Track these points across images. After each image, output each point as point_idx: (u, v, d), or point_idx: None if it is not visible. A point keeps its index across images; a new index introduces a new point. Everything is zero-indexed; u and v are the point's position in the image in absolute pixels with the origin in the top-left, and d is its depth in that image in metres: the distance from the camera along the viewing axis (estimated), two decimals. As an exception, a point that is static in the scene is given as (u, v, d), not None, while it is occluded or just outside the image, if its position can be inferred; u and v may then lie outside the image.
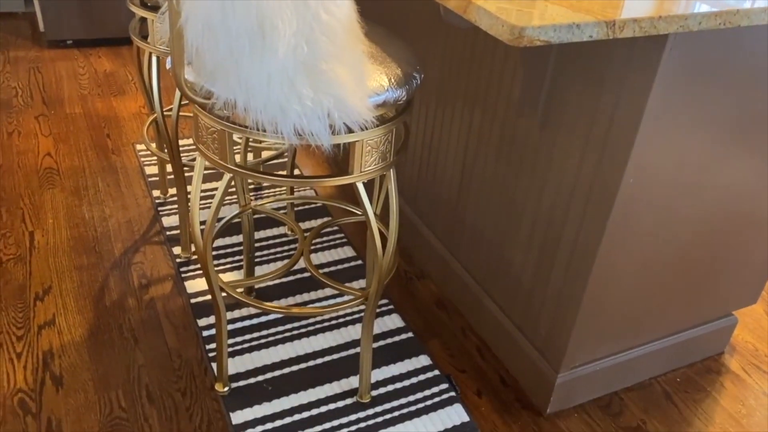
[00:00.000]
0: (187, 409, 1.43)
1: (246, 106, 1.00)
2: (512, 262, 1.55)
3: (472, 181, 1.64)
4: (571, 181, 1.31)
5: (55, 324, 1.61)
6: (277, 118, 0.99)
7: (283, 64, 0.94)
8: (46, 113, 2.49)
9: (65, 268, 1.78)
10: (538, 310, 1.49)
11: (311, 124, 0.99)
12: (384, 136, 1.16)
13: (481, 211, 1.63)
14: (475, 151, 1.60)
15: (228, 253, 1.88)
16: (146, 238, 1.92)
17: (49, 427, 1.36)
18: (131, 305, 1.68)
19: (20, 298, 1.67)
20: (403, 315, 1.73)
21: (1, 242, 1.85)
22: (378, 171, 1.19)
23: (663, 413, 1.53)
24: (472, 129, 1.59)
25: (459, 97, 1.62)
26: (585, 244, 1.31)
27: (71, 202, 2.04)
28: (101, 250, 1.86)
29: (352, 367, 1.55)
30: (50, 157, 2.23)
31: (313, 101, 0.97)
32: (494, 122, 1.51)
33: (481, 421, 1.47)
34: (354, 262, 1.90)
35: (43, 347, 1.54)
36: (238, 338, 1.60)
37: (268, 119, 0.99)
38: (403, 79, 1.14)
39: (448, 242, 1.80)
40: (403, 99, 1.14)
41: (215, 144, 1.16)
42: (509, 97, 1.44)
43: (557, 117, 1.31)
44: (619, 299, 1.41)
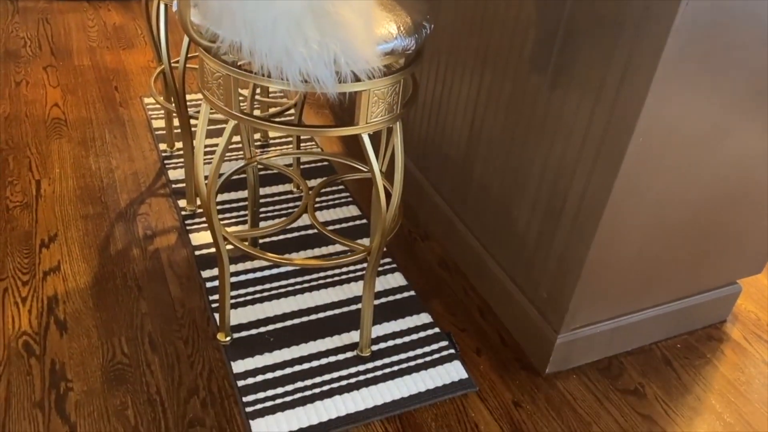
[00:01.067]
0: (189, 357, 1.44)
1: (251, 49, 0.98)
2: (517, 223, 1.54)
3: (480, 141, 1.62)
4: (579, 141, 1.30)
5: (60, 271, 1.62)
6: (282, 61, 0.97)
7: (290, 6, 0.92)
8: (55, 64, 2.48)
9: (71, 217, 1.79)
10: (540, 270, 1.49)
11: (317, 69, 0.98)
12: (391, 87, 1.15)
13: (488, 170, 1.62)
14: (485, 109, 1.58)
15: (232, 207, 1.88)
16: (152, 190, 1.92)
17: (53, 368, 1.38)
18: (136, 255, 1.69)
19: (26, 245, 1.68)
20: (406, 274, 1.73)
21: (8, 189, 1.85)
22: (384, 123, 1.18)
23: (662, 378, 1.53)
24: (482, 87, 1.57)
25: (470, 54, 1.59)
26: (591, 204, 1.30)
27: (78, 152, 2.04)
28: (107, 200, 1.86)
29: (353, 322, 1.56)
30: (58, 108, 2.23)
31: (320, 45, 0.96)
32: (504, 80, 1.49)
33: (480, 378, 1.48)
34: (358, 221, 1.89)
35: (47, 293, 1.56)
36: (241, 291, 1.61)
37: (274, 63, 0.98)
38: (412, 27, 1.12)
39: (454, 203, 1.79)
40: (411, 48, 1.12)
41: (220, 90, 1.15)
42: (520, 55, 1.42)
43: (568, 75, 1.29)
44: (623, 262, 1.40)
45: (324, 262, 1.34)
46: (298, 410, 1.34)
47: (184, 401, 1.35)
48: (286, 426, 1.31)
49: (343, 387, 1.40)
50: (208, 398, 1.36)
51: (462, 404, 1.41)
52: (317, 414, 1.34)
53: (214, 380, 1.40)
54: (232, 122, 1.17)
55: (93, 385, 1.36)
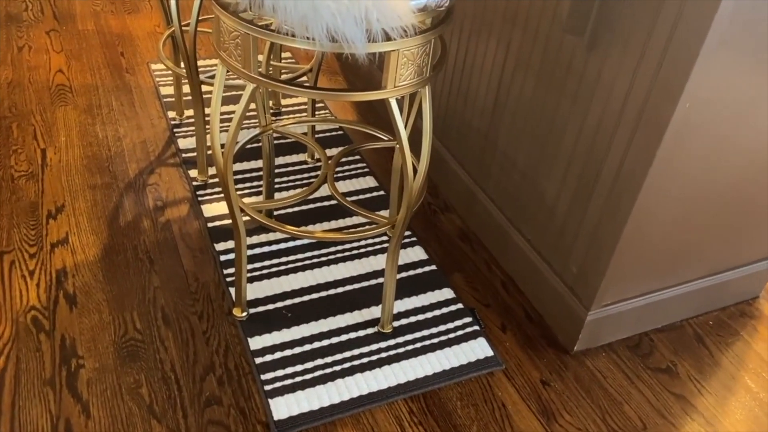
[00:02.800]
0: (204, 333, 1.39)
1: (274, 4, 0.91)
2: (545, 194, 1.47)
3: (506, 108, 1.55)
4: (618, 107, 1.22)
5: (68, 243, 1.56)
6: (308, 17, 0.90)
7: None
8: (58, 29, 2.39)
9: (78, 187, 1.72)
10: (570, 244, 1.42)
11: (346, 26, 0.90)
12: (422, 47, 1.07)
13: (514, 139, 1.54)
14: (512, 74, 1.50)
15: (247, 177, 1.82)
16: (161, 159, 1.85)
17: (63, 345, 1.33)
18: (146, 227, 1.63)
19: (32, 216, 1.62)
20: (426, 248, 1.67)
21: (13, 158, 1.79)
22: (414, 86, 1.11)
23: (694, 355, 1.48)
24: (511, 50, 1.49)
25: (498, 14, 1.51)
26: (629, 175, 1.23)
27: (84, 120, 1.96)
28: (115, 170, 1.79)
29: (373, 297, 1.50)
30: (62, 74, 2.15)
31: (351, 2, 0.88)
32: (536, 42, 1.40)
33: (506, 356, 1.42)
34: (376, 193, 1.83)
35: (56, 266, 1.50)
36: (257, 264, 1.55)
37: (298, 18, 0.90)
38: (445, -17, 1.04)
39: (476, 173, 1.72)
40: (444, 4, 1.04)
41: (238, 50, 1.07)
42: (555, 15, 1.33)
43: (608, 36, 1.21)
44: (659, 236, 1.33)
45: (346, 236, 1.27)
46: (319, 388, 1.29)
47: (200, 379, 1.30)
48: (307, 405, 1.26)
49: (364, 364, 1.35)
50: (224, 376, 1.31)
51: (488, 382, 1.36)
52: (338, 392, 1.29)
53: (231, 357, 1.35)
54: (251, 86, 1.10)
55: (105, 362, 1.31)
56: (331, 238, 1.29)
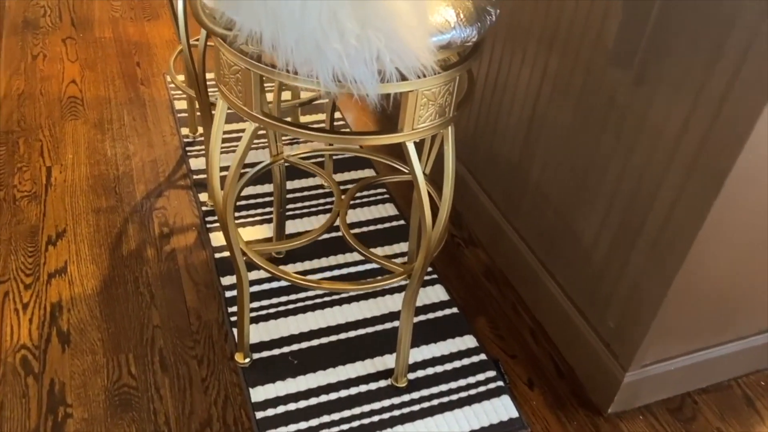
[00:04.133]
0: (203, 381, 1.28)
1: (274, 42, 0.79)
2: (581, 236, 1.33)
3: (540, 137, 1.41)
4: (668, 149, 1.08)
5: (67, 273, 1.47)
6: (312, 58, 0.77)
7: (323, -11, 0.72)
8: (74, 36, 2.31)
9: (82, 210, 1.63)
10: (608, 295, 1.28)
11: (355, 68, 0.78)
12: (444, 86, 0.94)
13: (548, 173, 1.40)
14: (548, 101, 1.36)
15: (256, 203, 1.71)
16: (171, 181, 1.75)
17: (52, 390, 1.24)
18: (150, 256, 1.53)
19: (31, 241, 1.53)
20: (448, 286, 1.54)
21: (17, 177, 1.71)
22: (434, 129, 0.98)
23: (743, 421, 1.32)
24: (547, 75, 1.35)
25: (533, 34, 1.37)
26: (680, 224, 1.08)
27: (94, 136, 1.87)
28: (122, 191, 1.70)
29: (388, 343, 1.38)
30: (75, 85, 2.07)
31: (359, 39, 0.75)
32: (575, 69, 1.26)
33: (532, 417, 1.29)
34: (396, 222, 1.70)
35: (51, 298, 1.41)
36: (264, 302, 1.44)
37: (301, 59, 0.78)
38: (474, 14, 0.90)
39: (505, 206, 1.58)
40: (472, 40, 0.91)
41: (239, 86, 0.95)
42: (598, 41, 1.19)
43: (659, 70, 1.07)
44: (711, 290, 1.19)
45: (356, 287, 1.15)
46: (324, 451, 1.18)
47: (195, 434, 1.19)
48: (310, 470, 1.15)
49: (375, 424, 1.23)
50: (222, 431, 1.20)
51: (511, 448, 1.23)
52: (345, 456, 1.17)
53: (230, 409, 1.24)
54: (252, 125, 0.98)
55: (95, 412, 1.21)
56: (338, 288, 1.17)
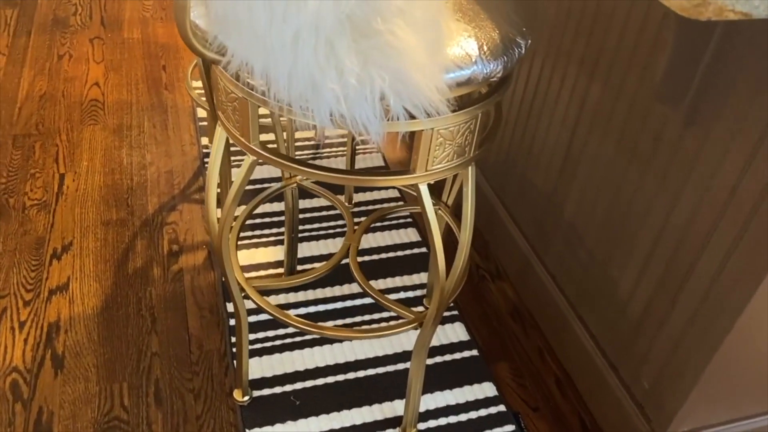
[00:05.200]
0: (198, 418, 1.20)
1: (266, 74, 0.69)
2: (617, 284, 1.20)
3: (577, 171, 1.28)
4: (721, 197, 0.95)
5: (68, 290, 1.41)
6: (307, 95, 0.67)
7: (317, 20, 0.62)
8: (102, 36, 2.27)
9: (91, 222, 1.57)
10: (644, 352, 1.15)
11: (355, 108, 0.68)
12: (464, 125, 0.83)
13: (584, 209, 1.28)
14: (587, 133, 1.24)
15: (268, 223, 1.62)
16: (186, 194, 1.68)
17: (39, 420, 1.17)
18: (156, 276, 1.46)
19: (36, 254, 1.48)
20: (469, 324, 1.43)
21: (29, 184, 1.66)
22: (451, 170, 0.87)
23: (791, 500, 1.18)
24: (587, 105, 1.22)
25: (574, 58, 1.24)
26: (732, 284, 0.95)
27: (111, 142, 1.81)
28: (134, 204, 1.63)
29: (398, 386, 1.28)
30: (97, 88, 2.01)
31: (360, 78, 0.65)
32: (618, 102, 1.13)
33: (552, 481, 1.17)
34: (417, 249, 1.59)
35: (50, 317, 1.35)
36: (269, 332, 1.35)
37: (295, 94, 0.68)
38: (500, 46, 0.79)
39: (536, 240, 1.46)
40: (497, 75, 0.80)
41: (236, 115, 0.86)
42: (645, 73, 1.06)
43: (714, 109, 0.94)
44: (758, 355, 1.05)
45: (363, 335, 1.05)
46: (319, 507, 1.08)
47: (183, 479, 1.11)
48: None
49: (377, 480, 1.13)
50: (212, 477, 1.12)
51: None
52: None
53: (224, 453, 1.16)
54: (250, 158, 0.89)
55: (81, 447, 1.14)
56: (345, 336, 1.07)
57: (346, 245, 1.18)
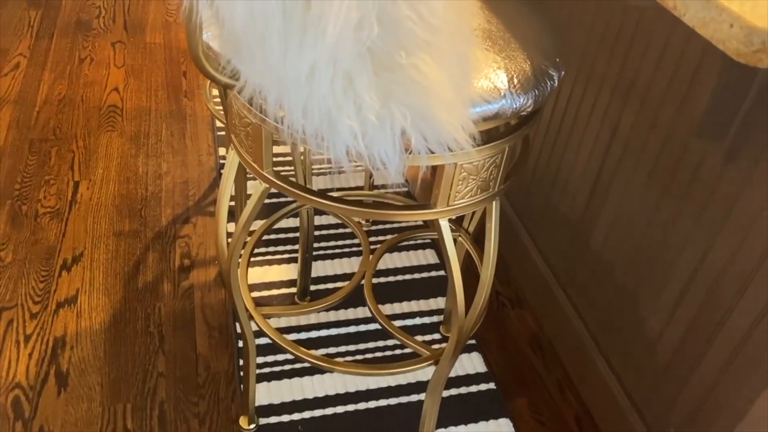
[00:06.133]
0: (202, 445, 1.16)
1: (280, 105, 0.65)
2: (645, 322, 1.14)
3: (606, 201, 1.22)
4: (763, 240, 0.88)
5: (77, 303, 1.38)
6: (323, 133, 0.63)
7: (335, 52, 0.57)
8: (124, 40, 2.25)
9: (103, 233, 1.54)
10: (671, 397, 1.09)
11: (374, 145, 0.63)
12: (489, 159, 0.78)
13: (612, 241, 1.22)
14: (618, 162, 1.18)
15: (282, 239, 1.58)
16: (200, 206, 1.65)
17: (39, 441, 1.14)
18: (166, 291, 1.42)
19: (46, 264, 1.45)
20: (487, 354, 1.37)
21: (43, 191, 1.63)
22: (474, 205, 0.82)
23: None
24: (619, 133, 1.17)
25: (606, 84, 1.18)
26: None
27: (128, 150, 1.79)
28: (147, 215, 1.60)
29: (410, 419, 1.23)
30: (117, 93, 1.99)
31: (380, 115, 0.60)
32: (653, 132, 1.07)
33: None
34: (435, 272, 1.54)
35: (56, 331, 1.32)
36: (279, 356, 1.31)
37: (310, 129, 0.64)
38: (532, 79, 0.74)
39: (559, 269, 1.40)
40: (527, 110, 0.75)
41: (249, 140, 0.82)
42: (683, 105, 1.00)
43: (757, 151, 0.87)
44: (796, 413, 0.98)
45: (376, 371, 1.00)
46: None
47: None
48: None
49: None
50: None
51: None
52: None
53: (227, 483, 1.11)
54: (262, 186, 0.84)
55: (81, 471, 1.11)
56: (358, 372, 1.02)
57: (362, 272, 1.13)
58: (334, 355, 1.33)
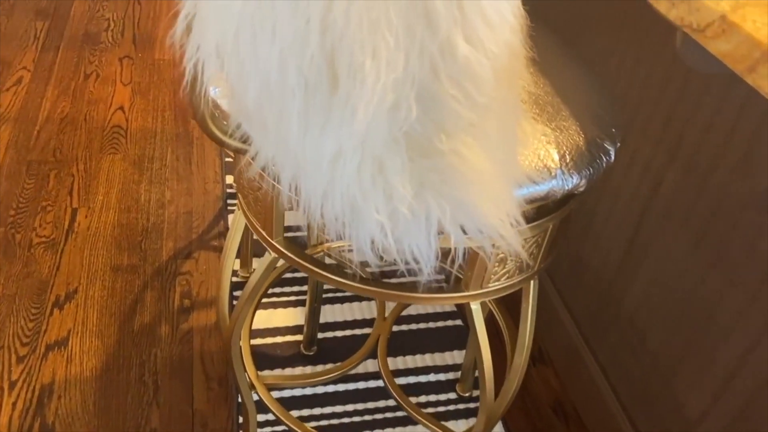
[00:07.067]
0: None
1: (296, 185, 0.55)
2: (684, 402, 1.04)
3: (644, 262, 1.12)
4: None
5: (67, 346, 1.29)
6: (344, 218, 0.53)
7: (365, 136, 0.48)
8: (133, 56, 2.16)
9: (99, 267, 1.45)
10: (712, 489, 0.98)
11: (404, 239, 0.53)
12: (531, 239, 0.68)
13: (648, 308, 1.12)
14: (660, 222, 1.08)
15: (289, 279, 1.48)
16: (204, 240, 1.55)
17: (18, 506, 1.05)
18: (163, 334, 1.33)
19: (37, 300, 1.36)
20: (506, 419, 1.27)
21: (39, 218, 1.54)
22: (511, 287, 0.72)
23: None
24: (661, 190, 1.07)
25: (649, 137, 1.09)
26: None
27: (130, 175, 1.70)
28: (147, 248, 1.51)
29: (423, 492, 1.13)
30: (122, 113, 1.91)
31: (413, 207, 0.51)
32: (702, 197, 0.97)
33: None
34: (451, 321, 1.44)
35: (44, 378, 1.23)
36: (282, 414, 1.21)
37: (330, 216, 0.54)
38: (586, 155, 0.64)
39: (588, 329, 1.30)
40: (579, 189, 0.65)
41: (258, 205, 0.73)
42: (736, 174, 0.90)
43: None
44: None
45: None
46: None
47: None
48: None
49: None
50: None
51: None
52: None
53: None
54: (270, 255, 0.75)
55: None
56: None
57: (375, 335, 1.03)
58: (341, 415, 1.23)
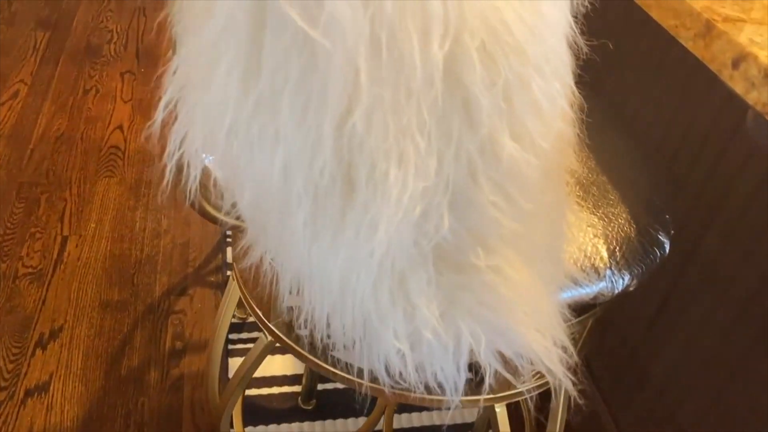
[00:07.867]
0: None
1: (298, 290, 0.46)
2: (716, 489, 0.94)
3: (675, 331, 1.03)
4: None
5: (48, 392, 1.20)
6: (355, 337, 0.44)
7: (387, 251, 0.39)
8: (135, 71, 2.08)
9: (88, 303, 1.36)
10: None
11: (428, 365, 0.44)
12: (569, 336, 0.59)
13: (679, 382, 1.02)
14: (694, 288, 0.98)
15: (296, 323, 1.39)
16: (200, 275, 1.46)
17: None
18: (152, 381, 1.24)
19: (19, 339, 1.27)
20: (518, 486, 1.18)
21: (26, 247, 1.46)
22: (541, 387, 0.63)
23: None
24: (698, 253, 0.97)
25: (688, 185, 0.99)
26: None
27: (125, 201, 1.61)
28: (140, 282, 1.42)
29: None
30: (120, 133, 1.82)
31: (437, 332, 0.42)
32: (747, 265, 0.88)
33: None
34: (462, 374, 1.35)
35: (20, 428, 1.14)
36: (276, 477, 1.12)
37: (338, 334, 0.45)
38: (639, 250, 0.55)
39: (609, 391, 1.21)
40: (629, 290, 0.56)
41: (255, 281, 0.64)
42: None
43: None
44: None
45: None
46: None
47: None
48: None
49: None
50: None
51: None
52: None
53: None
54: (267, 339, 0.66)
55: None
56: None
57: (381, 406, 0.94)
58: (340, 479, 1.14)
